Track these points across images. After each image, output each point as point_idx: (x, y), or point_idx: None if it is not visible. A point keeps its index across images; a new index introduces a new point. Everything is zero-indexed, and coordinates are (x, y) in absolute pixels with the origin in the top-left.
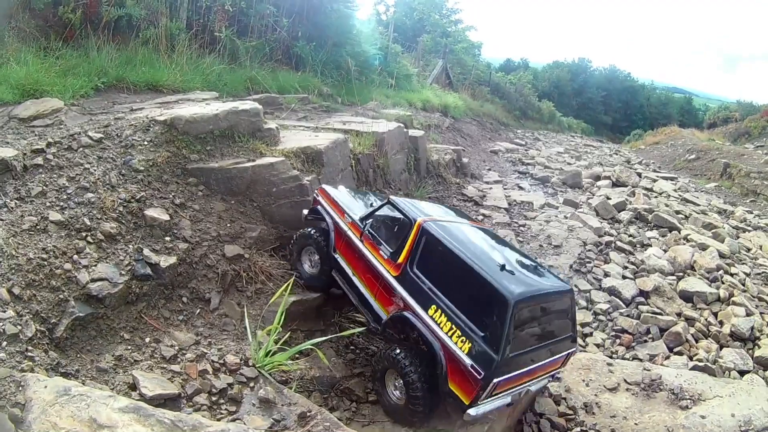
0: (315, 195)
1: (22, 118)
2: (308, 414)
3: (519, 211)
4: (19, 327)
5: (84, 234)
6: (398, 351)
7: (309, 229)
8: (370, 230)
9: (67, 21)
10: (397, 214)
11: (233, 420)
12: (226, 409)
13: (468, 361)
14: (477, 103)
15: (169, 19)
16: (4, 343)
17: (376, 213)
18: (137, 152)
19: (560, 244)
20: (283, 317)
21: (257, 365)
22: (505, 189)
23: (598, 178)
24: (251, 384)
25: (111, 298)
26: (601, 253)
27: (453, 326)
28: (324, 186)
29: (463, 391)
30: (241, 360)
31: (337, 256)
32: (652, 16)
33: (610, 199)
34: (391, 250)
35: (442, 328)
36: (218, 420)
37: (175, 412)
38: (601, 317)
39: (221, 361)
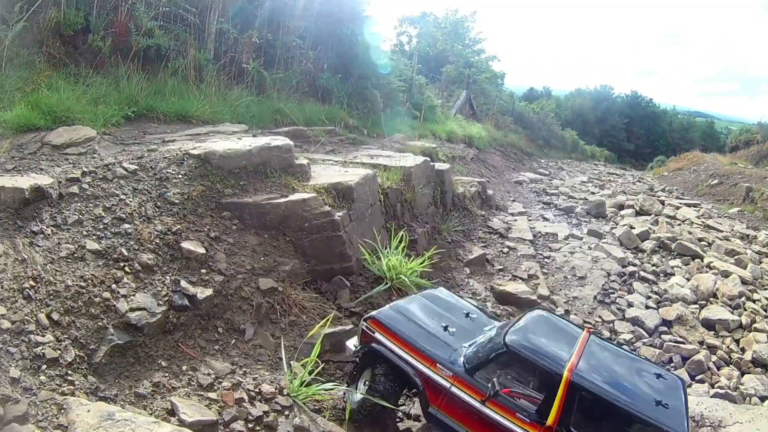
0: (365, 327)
1: (55, 145)
2: None
3: (544, 242)
4: (59, 351)
5: (122, 264)
6: None
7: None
8: (498, 392)
9: (97, 49)
10: (525, 363)
11: None
12: None
13: None
14: (501, 133)
15: (197, 50)
16: (44, 367)
17: (491, 362)
18: (172, 185)
19: (584, 276)
20: (318, 350)
21: (292, 394)
22: (529, 220)
23: (621, 207)
24: (286, 412)
25: (149, 327)
26: (625, 283)
27: None
28: (377, 316)
29: None
30: (276, 389)
31: (437, 413)
32: (671, 43)
33: (633, 228)
34: (534, 409)
35: None
36: None
37: None
38: (625, 347)
39: (257, 390)
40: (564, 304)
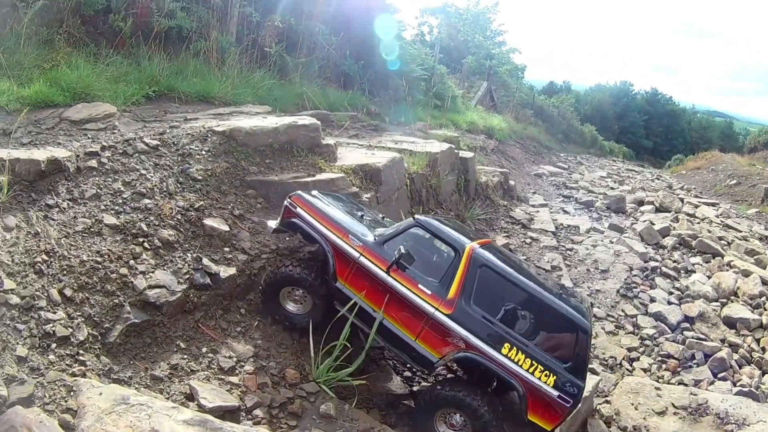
0: (288, 204)
1: (74, 121)
2: (370, 430)
3: (566, 235)
4: (70, 330)
5: (141, 240)
6: (465, 393)
7: (285, 268)
8: (402, 262)
9: (118, 29)
10: (431, 238)
11: None
12: (286, 423)
13: (554, 392)
14: (520, 125)
15: (219, 32)
16: (54, 345)
17: (399, 235)
18: (195, 161)
19: (607, 269)
20: (348, 334)
21: (318, 380)
22: (551, 212)
23: (641, 203)
24: (311, 399)
25: (168, 306)
26: (647, 278)
27: (533, 362)
28: (300, 193)
29: (546, 419)
30: (301, 374)
31: (342, 286)
32: (691, 36)
33: (654, 224)
34: (435, 283)
35: (521, 366)
36: None
37: (244, 426)
38: (648, 342)
39: (281, 375)
40: (587, 296)
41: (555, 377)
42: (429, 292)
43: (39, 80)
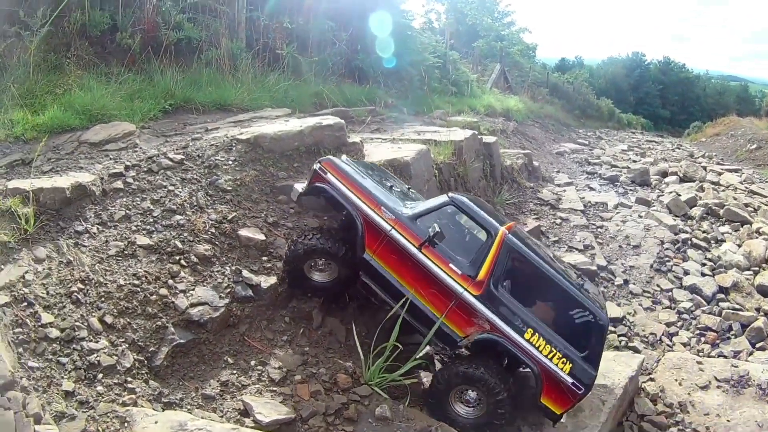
0: (318, 169)
1: (93, 143)
2: (428, 429)
3: (594, 212)
4: (115, 357)
5: (177, 257)
6: (483, 370)
7: (307, 240)
8: (435, 240)
9: (127, 47)
10: (465, 219)
11: None
12: (342, 430)
13: (569, 379)
14: (537, 105)
15: (229, 39)
16: (100, 376)
17: (432, 212)
18: (222, 172)
19: (639, 244)
20: (397, 334)
21: (370, 383)
22: (577, 190)
23: (665, 174)
24: (365, 402)
25: (212, 323)
26: (679, 251)
27: (552, 349)
28: (331, 158)
29: (557, 403)
30: (352, 378)
31: (370, 258)
32: (703, 8)
33: (680, 195)
34: (466, 263)
35: (541, 351)
36: None
37: None
38: (685, 316)
39: (332, 381)
40: (622, 273)
41: (571, 365)
42: (460, 272)
43: (53, 106)
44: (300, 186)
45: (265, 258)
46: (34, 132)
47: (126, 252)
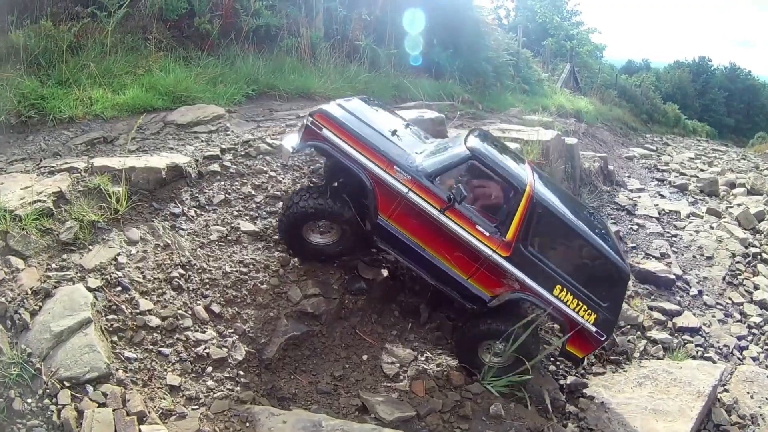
0: (310, 123)
1: (180, 124)
2: (541, 428)
3: (668, 220)
4: (226, 349)
5: (286, 246)
6: (506, 324)
7: (297, 206)
8: (465, 196)
9: (205, 32)
10: (488, 174)
11: None
12: (458, 427)
13: (594, 329)
14: (606, 107)
15: (307, 28)
16: (210, 369)
17: (453, 169)
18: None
19: (711, 255)
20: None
21: (483, 381)
22: (650, 197)
23: (733, 185)
24: (478, 400)
25: (327, 315)
26: (749, 265)
27: (579, 302)
28: (323, 109)
29: (581, 349)
30: (464, 375)
31: (385, 222)
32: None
33: (749, 208)
34: (493, 225)
35: (569, 306)
36: None
37: None
38: (755, 331)
39: (445, 377)
40: (696, 284)
41: (596, 315)
42: (487, 234)
43: (133, 86)
44: (289, 143)
45: (376, 250)
46: (115, 111)
47: (230, 237)
